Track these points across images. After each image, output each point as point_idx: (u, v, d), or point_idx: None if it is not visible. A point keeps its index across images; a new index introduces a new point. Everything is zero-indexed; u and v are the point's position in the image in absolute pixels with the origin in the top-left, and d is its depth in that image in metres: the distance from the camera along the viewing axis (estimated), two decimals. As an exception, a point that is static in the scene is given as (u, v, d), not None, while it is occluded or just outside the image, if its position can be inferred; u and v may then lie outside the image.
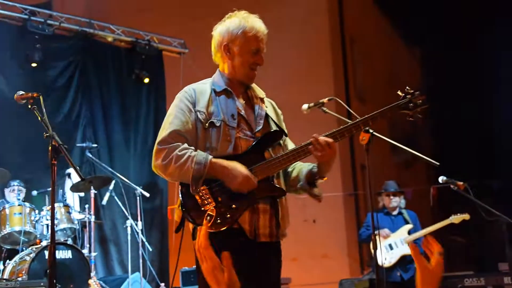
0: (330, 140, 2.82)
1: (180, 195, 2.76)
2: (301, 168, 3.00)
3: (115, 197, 7.34)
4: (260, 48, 2.95)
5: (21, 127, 7.52)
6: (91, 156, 7.94)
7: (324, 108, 3.30)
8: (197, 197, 2.72)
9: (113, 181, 7.25)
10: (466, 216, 6.65)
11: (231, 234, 2.70)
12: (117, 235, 8.25)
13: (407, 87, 2.93)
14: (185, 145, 2.78)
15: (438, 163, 3.30)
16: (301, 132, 3.40)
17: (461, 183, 5.53)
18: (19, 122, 7.41)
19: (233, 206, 2.72)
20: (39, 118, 3.34)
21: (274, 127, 2.98)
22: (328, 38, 14.07)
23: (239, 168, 2.74)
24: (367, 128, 3.00)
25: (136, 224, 7.36)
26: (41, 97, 3.51)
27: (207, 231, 2.64)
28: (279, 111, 3.14)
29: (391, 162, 17.69)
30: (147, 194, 7.76)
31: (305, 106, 3.33)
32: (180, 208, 2.78)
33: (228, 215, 2.71)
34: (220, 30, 3.00)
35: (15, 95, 3.53)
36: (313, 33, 13.34)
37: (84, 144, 7.96)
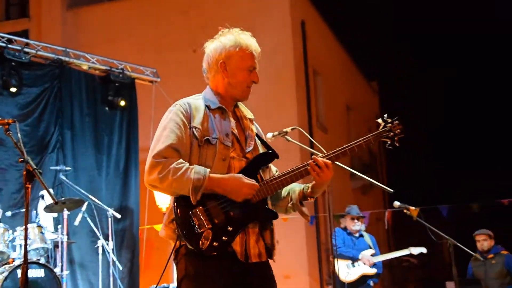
0: (328, 161, 2.76)
1: (175, 214, 2.59)
2: (291, 188, 2.88)
3: (87, 218, 7.27)
4: (255, 66, 2.82)
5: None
6: (64, 178, 7.86)
7: (288, 137, 3.35)
8: (194, 219, 2.56)
9: (86, 203, 7.19)
10: (423, 250, 6.77)
11: (224, 259, 2.58)
12: (88, 255, 8.14)
13: (385, 115, 2.89)
14: (181, 160, 2.61)
15: (392, 190, 3.36)
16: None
17: (413, 208, 5.64)
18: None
19: (229, 228, 2.59)
20: (14, 144, 3.28)
21: (261, 149, 2.86)
22: (292, 71, 14.25)
23: (238, 177, 2.62)
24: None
25: (107, 244, 7.31)
26: (16, 123, 3.45)
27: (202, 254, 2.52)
28: (262, 133, 3.01)
29: (350, 188, 17.87)
30: (118, 216, 7.71)
31: (269, 135, 3.36)
32: (174, 226, 2.61)
33: (224, 238, 2.57)
34: (215, 47, 2.82)
35: (-10, 120, 3.47)
36: (278, 67, 13.50)
37: (57, 167, 7.90)
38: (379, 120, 2.88)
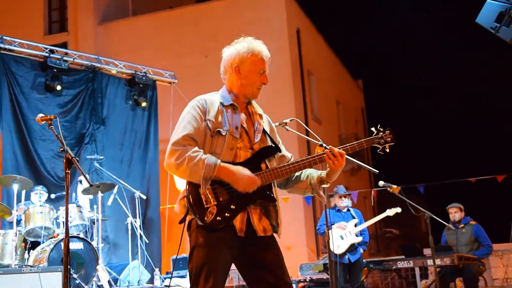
0: (343, 152, 2.77)
1: (187, 192, 2.59)
2: (310, 173, 2.88)
3: (118, 199, 7.30)
4: (265, 69, 2.77)
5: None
6: (98, 166, 7.89)
7: (287, 127, 3.32)
8: (202, 196, 2.56)
9: (116, 186, 7.21)
10: (398, 209, 6.76)
11: (227, 233, 2.57)
12: (119, 230, 8.18)
13: (379, 125, 2.86)
14: (196, 148, 2.58)
15: (377, 171, 3.34)
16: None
17: (395, 186, 5.62)
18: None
19: (232, 206, 2.58)
20: (56, 136, 3.28)
21: (269, 142, 2.83)
22: (290, 72, 14.22)
23: (244, 171, 2.60)
24: (321, 143, 3.00)
25: (135, 221, 7.33)
26: (57, 119, 3.45)
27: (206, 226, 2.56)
28: (273, 125, 2.99)
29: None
30: (144, 197, 7.75)
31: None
32: (185, 202, 2.61)
33: (227, 214, 2.57)
34: (231, 52, 2.77)
35: (36, 117, 3.48)
36: (277, 68, 13.48)
37: (92, 156, 7.93)
38: (373, 129, 2.86)
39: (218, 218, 2.55)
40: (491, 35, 4.38)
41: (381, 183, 5.62)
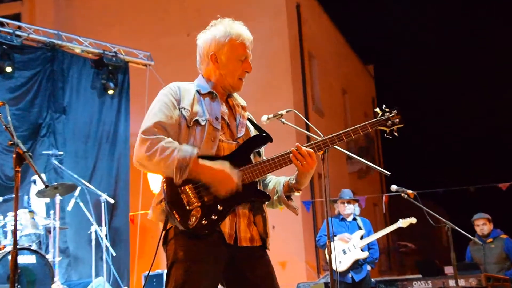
0: (311, 150, 2.72)
1: (164, 193, 2.57)
2: (277, 180, 2.88)
3: (80, 204, 7.23)
4: (247, 56, 2.81)
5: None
6: (56, 163, 7.81)
7: (283, 120, 3.27)
8: (183, 196, 2.54)
9: (78, 188, 7.15)
10: (413, 220, 6.76)
11: (212, 240, 2.56)
12: (81, 241, 8.11)
13: (384, 105, 2.86)
14: (170, 139, 2.60)
15: (389, 173, 3.31)
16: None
17: (411, 191, 5.61)
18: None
19: (219, 207, 2.56)
20: (4, 126, 3.22)
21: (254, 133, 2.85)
22: (288, 55, 14.17)
23: (224, 168, 2.58)
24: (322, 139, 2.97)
25: (101, 230, 7.27)
26: (6, 106, 3.39)
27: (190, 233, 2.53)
28: (254, 121, 3.00)
29: (346, 172, 17.87)
30: (112, 201, 7.69)
31: (264, 118, 3.30)
32: (162, 207, 2.59)
33: (214, 217, 2.55)
34: (205, 38, 2.82)
35: (-18, 104, 3.41)
36: (274, 51, 13.42)
37: (49, 152, 7.84)
38: (377, 110, 2.86)
39: (203, 221, 2.53)
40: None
41: (393, 187, 5.61)
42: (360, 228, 6.92)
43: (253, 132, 2.87)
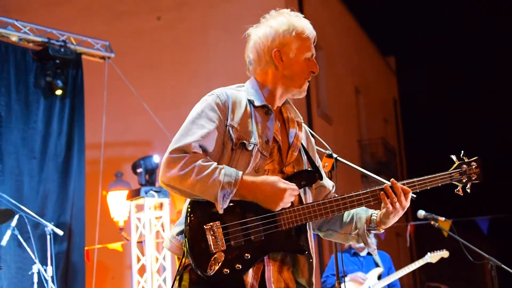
0: (407, 189, 2.85)
1: (185, 227, 2.67)
2: (357, 212, 2.99)
3: (18, 236, 7.18)
4: (314, 53, 2.94)
5: None
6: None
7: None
8: (208, 235, 2.63)
9: (16, 216, 7.09)
10: (445, 254, 6.80)
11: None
12: (20, 283, 8.05)
13: (462, 152, 2.96)
14: (207, 157, 2.70)
15: (415, 195, 3.32)
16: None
17: (444, 219, 5.62)
18: None
19: (246, 255, 2.66)
20: None
21: (305, 164, 2.93)
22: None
23: (273, 180, 2.70)
24: (329, 153, 3.02)
25: (45, 270, 7.22)
26: None
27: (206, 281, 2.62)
28: (313, 140, 3.11)
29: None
30: (60, 232, 7.62)
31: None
32: (181, 240, 2.71)
33: (238, 266, 2.64)
34: (265, 32, 2.91)
35: None
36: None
37: (-22, 170, 7.82)
38: (453, 157, 2.97)
39: (225, 270, 2.62)
40: None
41: (421, 213, 5.63)
42: (377, 265, 6.94)
43: (304, 159, 2.95)
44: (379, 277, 6.86)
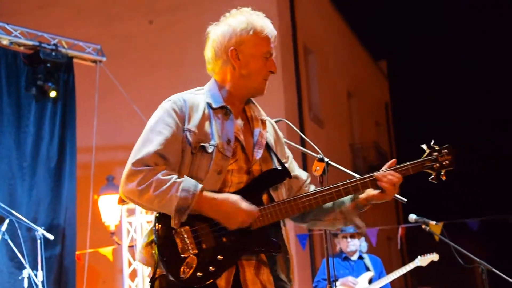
0: (399, 175, 2.87)
1: (154, 233, 2.68)
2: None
3: (8, 241, 7.16)
4: (272, 52, 2.95)
5: None
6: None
7: (272, 132, 3.27)
8: (178, 240, 2.64)
9: (6, 221, 7.08)
10: (435, 257, 6.82)
11: None
12: (12, 288, 8.03)
13: (432, 141, 2.97)
14: (167, 171, 2.70)
15: (406, 200, 3.33)
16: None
17: (434, 222, 5.64)
18: None
19: (219, 257, 2.66)
20: None
21: (275, 161, 2.92)
22: (277, 48, 14.17)
23: (237, 201, 2.69)
24: (321, 157, 3.01)
25: (36, 275, 7.20)
26: None
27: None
28: (281, 135, 3.11)
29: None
30: (51, 237, 7.60)
31: (247, 129, 3.30)
32: (152, 249, 2.71)
33: (212, 268, 2.64)
34: (223, 31, 2.91)
35: None
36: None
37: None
38: (424, 146, 2.97)
39: (198, 273, 2.62)
40: None
41: (412, 217, 5.65)
42: (368, 269, 6.95)
43: (273, 156, 2.94)
44: (370, 281, 6.87)
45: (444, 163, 2.91)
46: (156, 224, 2.67)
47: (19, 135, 8.79)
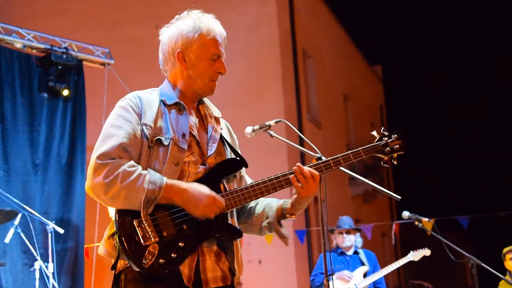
0: (315, 172, 2.84)
1: (116, 225, 2.63)
2: (267, 203, 2.98)
3: (21, 234, 7.17)
4: (220, 54, 2.91)
5: None
6: (-9, 184, 7.76)
7: (271, 132, 3.28)
8: (138, 230, 2.60)
9: (19, 215, 7.08)
10: (426, 252, 6.83)
11: (170, 284, 2.62)
12: (22, 279, 8.04)
13: (382, 128, 3.00)
14: (132, 162, 2.67)
15: (400, 197, 3.33)
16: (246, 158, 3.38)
17: (427, 219, 5.64)
18: None
19: (180, 244, 2.63)
20: None
21: (229, 154, 2.92)
22: (277, 52, 14.21)
23: (201, 188, 2.68)
24: (319, 156, 3.01)
25: (47, 267, 7.21)
26: None
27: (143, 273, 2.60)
28: (235, 136, 3.10)
29: (348, 195, 17.92)
30: (61, 231, 7.62)
31: (248, 129, 3.30)
32: (114, 241, 2.67)
33: (174, 255, 2.61)
34: (171, 34, 2.92)
35: None
36: (260, 47, 13.46)
37: (-17, 170, 7.81)
38: (374, 133, 2.99)
39: (161, 260, 2.59)
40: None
41: (406, 214, 5.65)
42: (363, 264, 6.95)
43: (227, 149, 2.95)
44: (365, 275, 6.87)
45: (394, 147, 2.94)
46: (118, 215, 2.63)
47: (32, 134, 8.82)
